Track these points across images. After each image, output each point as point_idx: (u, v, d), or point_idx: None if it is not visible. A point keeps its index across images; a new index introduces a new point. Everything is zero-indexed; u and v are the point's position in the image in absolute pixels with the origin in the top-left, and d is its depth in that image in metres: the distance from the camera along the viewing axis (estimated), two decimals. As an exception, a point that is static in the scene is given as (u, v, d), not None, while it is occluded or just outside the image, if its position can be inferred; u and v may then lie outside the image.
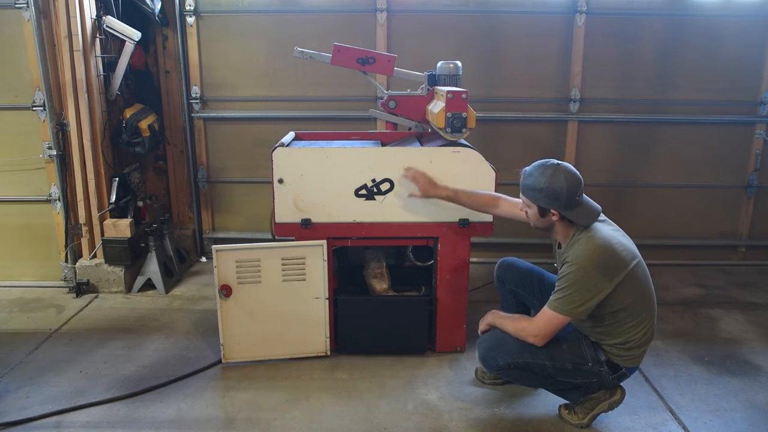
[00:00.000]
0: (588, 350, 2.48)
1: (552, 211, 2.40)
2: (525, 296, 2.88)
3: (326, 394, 2.85)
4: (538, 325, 2.42)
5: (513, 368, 2.52)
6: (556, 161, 2.42)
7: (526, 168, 2.48)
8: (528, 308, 2.94)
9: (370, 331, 3.15)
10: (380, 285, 3.16)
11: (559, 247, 2.54)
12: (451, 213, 3.00)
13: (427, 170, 2.91)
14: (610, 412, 2.59)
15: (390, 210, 2.99)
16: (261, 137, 4.50)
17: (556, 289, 2.40)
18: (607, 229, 2.43)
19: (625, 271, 2.34)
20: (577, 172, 2.41)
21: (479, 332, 2.70)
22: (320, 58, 3.17)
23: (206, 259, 4.70)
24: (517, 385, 2.86)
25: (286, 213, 3.00)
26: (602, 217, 2.49)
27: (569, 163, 2.48)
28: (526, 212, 2.53)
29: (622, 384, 2.58)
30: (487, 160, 2.96)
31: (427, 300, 3.14)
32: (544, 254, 2.76)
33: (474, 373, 2.99)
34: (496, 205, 2.81)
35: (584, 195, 2.43)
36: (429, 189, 2.86)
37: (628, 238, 2.49)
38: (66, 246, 4.01)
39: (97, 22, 3.81)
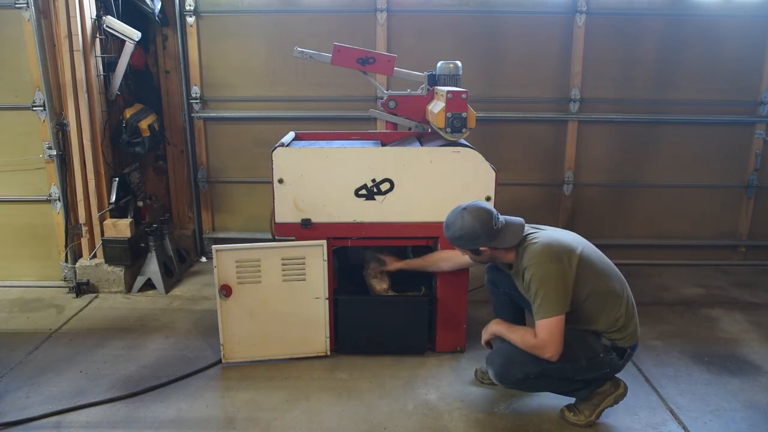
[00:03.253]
0: (596, 342, 2.51)
1: (480, 248, 2.53)
2: (519, 297, 2.87)
3: (326, 394, 2.85)
4: (544, 339, 2.39)
5: (532, 378, 2.51)
6: (463, 205, 2.54)
7: (444, 221, 2.59)
8: (522, 309, 2.94)
9: (370, 331, 3.15)
10: (380, 285, 3.16)
11: (510, 268, 2.62)
12: (451, 213, 3.00)
13: (427, 170, 2.92)
14: (614, 407, 2.60)
15: (390, 210, 2.99)
16: (261, 137, 4.49)
17: (532, 298, 2.43)
18: (542, 233, 2.54)
19: (577, 253, 2.44)
20: (484, 205, 2.53)
21: (483, 342, 2.70)
22: (320, 58, 3.17)
23: (206, 259, 4.70)
24: (517, 385, 2.87)
25: (286, 213, 3.00)
26: (532, 228, 2.58)
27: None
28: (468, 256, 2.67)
29: (623, 379, 2.61)
30: (487, 160, 2.96)
31: (427, 300, 3.14)
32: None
33: (474, 373, 2.99)
34: (447, 259, 2.97)
35: (501, 217, 2.53)
36: (392, 263, 3.14)
37: (567, 232, 2.62)
38: (66, 246, 4.01)
39: (97, 22, 3.81)
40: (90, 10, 3.74)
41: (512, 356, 2.52)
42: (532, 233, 2.53)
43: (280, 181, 2.95)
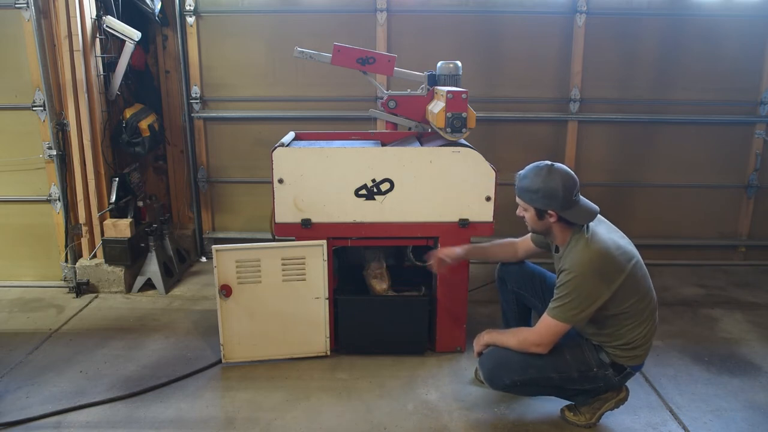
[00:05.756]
0: (591, 355, 2.47)
1: (549, 212, 2.37)
2: (527, 297, 2.87)
3: (326, 394, 2.85)
4: (540, 332, 2.40)
5: (520, 385, 2.50)
6: (549, 162, 2.41)
7: (521, 171, 2.47)
8: (529, 309, 2.94)
9: (370, 331, 3.15)
10: (380, 285, 3.16)
11: (557, 251, 2.52)
12: (451, 213, 3.00)
13: (427, 170, 2.92)
14: (615, 410, 2.60)
15: (390, 210, 2.99)
16: (261, 137, 4.50)
17: (555, 296, 2.38)
18: (604, 232, 2.40)
19: (624, 275, 2.32)
20: (572, 172, 2.40)
21: (475, 354, 2.68)
22: (320, 58, 3.17)
23: (206, 259, 4.70)
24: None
25: (286, 213, 3.00)
26: (599, 217, 2.48)
27: (568, 163, 2.48)
28: (524, 216, 2.49)
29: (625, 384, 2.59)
30: (487, 160, 2.96)
31: (427, 300, 3.14)
32: (543, 255, 2.77)
33: (474, 373, 2.99)
34: (517, 249, 2.86)
35: (581, 196, 2.42)
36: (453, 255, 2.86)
37: (626, 237, 2.47)
38: (66, 246, 4.01)
39: (97, 22, 3.81)
40: (90, 10, 3.74)
41: (503, 361, 2.52)
42: (594, 226, 2.39)
43: (280, 181, 2.95)
